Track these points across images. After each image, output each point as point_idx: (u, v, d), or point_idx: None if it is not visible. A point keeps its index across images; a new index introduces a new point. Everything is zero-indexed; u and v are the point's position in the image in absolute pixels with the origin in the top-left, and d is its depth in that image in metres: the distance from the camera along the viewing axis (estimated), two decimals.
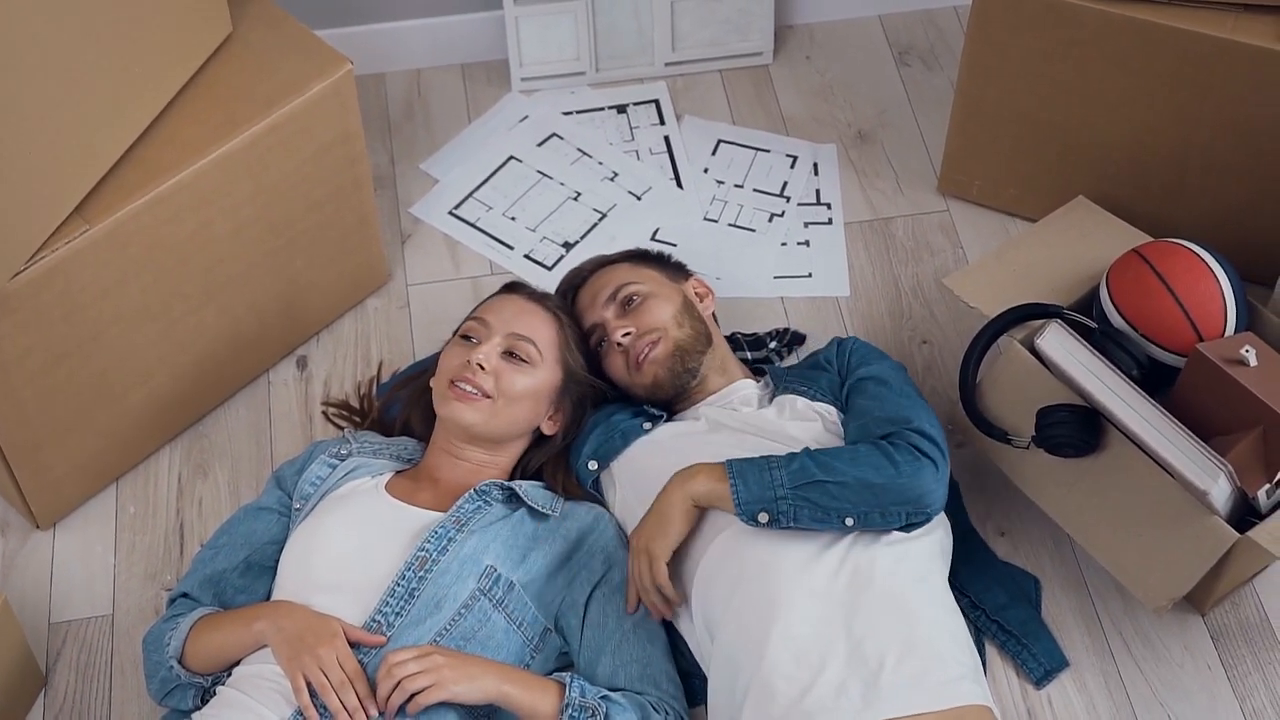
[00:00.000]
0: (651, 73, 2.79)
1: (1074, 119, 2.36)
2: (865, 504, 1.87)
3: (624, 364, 2.09)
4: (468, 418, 1.98)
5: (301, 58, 2.16)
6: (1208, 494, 1.89)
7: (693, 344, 2.08)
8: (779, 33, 2.84)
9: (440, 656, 1.79)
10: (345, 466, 2.02)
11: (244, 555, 1.98)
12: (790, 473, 1.87)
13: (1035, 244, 2.28)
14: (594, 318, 2.12)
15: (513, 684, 1.82)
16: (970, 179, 2.55)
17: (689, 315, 2.11)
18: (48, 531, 2.21)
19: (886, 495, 1.87)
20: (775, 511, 1.86)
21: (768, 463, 1.89)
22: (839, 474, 1.86)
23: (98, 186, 2.00)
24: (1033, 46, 2.31)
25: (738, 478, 1.88)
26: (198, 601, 1.95)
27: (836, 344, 2.17)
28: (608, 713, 1.82)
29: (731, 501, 1.87)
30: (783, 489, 1.86)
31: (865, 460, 1.89)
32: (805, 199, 2.61)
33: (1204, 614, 2.10)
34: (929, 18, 2.88)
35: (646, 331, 2.08)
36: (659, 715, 1.87)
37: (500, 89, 2.78)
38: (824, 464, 1.88)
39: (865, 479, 1.87)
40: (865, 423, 1.98)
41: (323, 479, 2.01)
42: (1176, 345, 2.07)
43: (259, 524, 2.01)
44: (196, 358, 2.22)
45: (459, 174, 2.65)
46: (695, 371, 2.08)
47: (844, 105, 2.75)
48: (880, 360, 2.10)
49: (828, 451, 1.91)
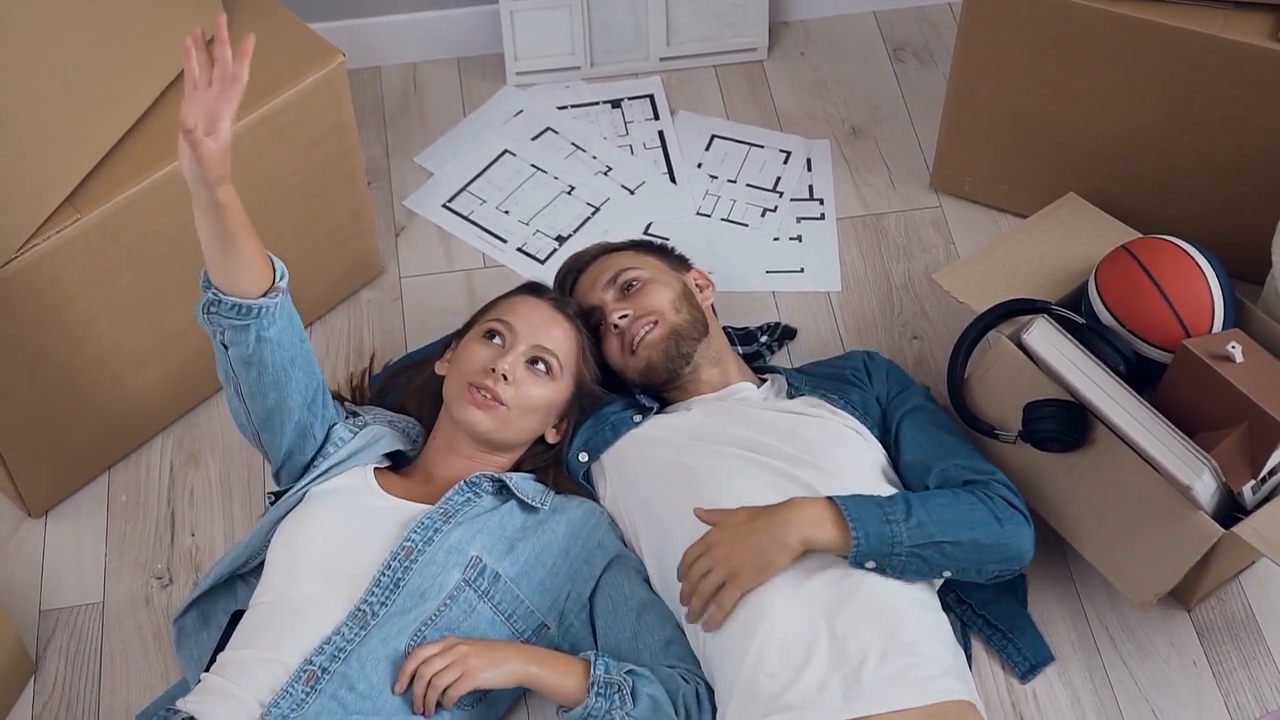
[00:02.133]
0: (646, 68, 2.80)
1: (1065, 115, 2.37)
2: (970, 561, 1.90)
3: (619, 347, 2.10)
4: (482, 424, 1.99)
5: (293, 49, 2.17)
6: (1191, 489, 1.90)
7: (689, 330, 2.09)
8: (774, 28, 2.84)
9: (464, 646, 1.81)
10: (365, 435, 2.03)
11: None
12: (910, 529, 1.86)
13: (1025, 240, 2.28)
14: (593, 300, 2.13)
15: (539, 664, 1.84)
16: (962, 175, 2.55)
17: (687, 303, 2.12)
18: (39, 519, 2.22)
19: (992, 554, 1.91)
20: (886, 564, 1.87)
21: (885, 514, 1.86)
22: (955, 534, 1.88)
23: (89, 176, 2.01)
24: (1024, 43, 2.31)
25: (860, 531, 1.84)
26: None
27: (866, 359, 2.17)
28: (634, 686, 1.84)
29: (848, 553, 1.85)
30: (901, 546, 1.86)
31: (976, 519, 1.90)
32: (798, 194, 2.61)
33: (1190, 609, 2.11)
34: (923, 14, 2.89)
35: (643, 314, 2.09)
36: (688, 685, 1.89)
37: (495, 83, 2.79)
38: (940, 521, 1.88)
39: (977, 539, 1.89)
40: (946, 469, 1.99)
41: (345, 440, 2.02)
42: (1164, 341, 2.08)
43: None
44: (189, 348, 2.23)
45: (453, 167, 2.66)
46: (689, 358, 2.09)
47: (838, 101, 2.76)
48: (918, 388, 2.12)
49: (937, 503, 1.90)
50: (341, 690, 1.78)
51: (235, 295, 1.84)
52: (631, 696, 1.83)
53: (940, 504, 1.90)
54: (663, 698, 1.86)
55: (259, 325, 1.86)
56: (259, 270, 1.86)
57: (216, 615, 1.99)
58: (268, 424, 1.97)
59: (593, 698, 1.82)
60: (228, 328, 1.87)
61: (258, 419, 1.97)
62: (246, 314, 1.85)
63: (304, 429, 1.99)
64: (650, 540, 2.00)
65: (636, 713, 1.83)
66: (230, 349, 1.89)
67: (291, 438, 1.98)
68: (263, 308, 1.86)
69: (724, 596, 1.84)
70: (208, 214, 1.81)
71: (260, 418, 1.96)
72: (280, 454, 2.00)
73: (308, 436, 2.00)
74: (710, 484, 1.95)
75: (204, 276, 1.87)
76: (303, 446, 2.00)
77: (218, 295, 1.85)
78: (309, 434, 2.00)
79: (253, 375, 1.91)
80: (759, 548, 1.84)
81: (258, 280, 1.86)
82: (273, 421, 1.96)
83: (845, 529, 1.85)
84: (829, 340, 2.41)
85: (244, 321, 1.86)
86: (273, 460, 2.02)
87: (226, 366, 1.92)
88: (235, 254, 1.83)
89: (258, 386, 1.92)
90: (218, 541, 2.20)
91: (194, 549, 2.19)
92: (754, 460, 1.97)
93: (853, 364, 2.18)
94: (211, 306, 1.86)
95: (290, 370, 1.92)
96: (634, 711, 1.83)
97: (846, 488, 1.94)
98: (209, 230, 1.82)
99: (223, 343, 1.89)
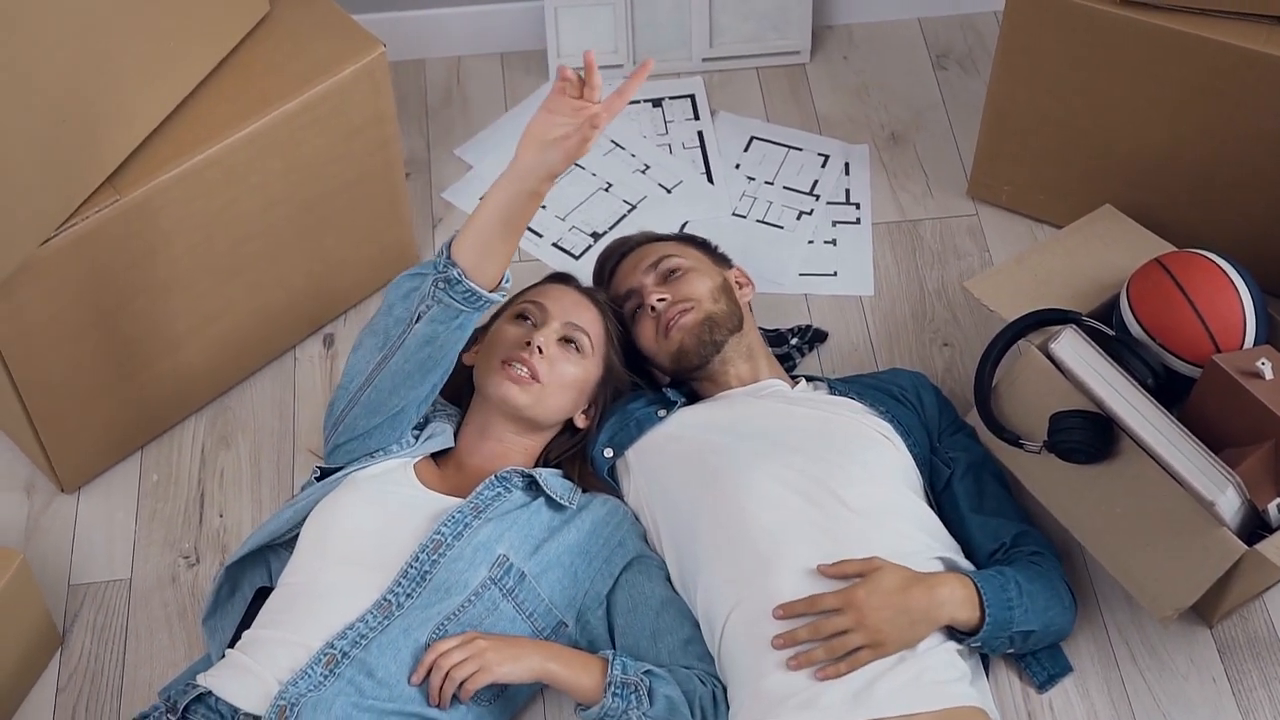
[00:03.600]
0: (688, 67, 2.81)
1: (1104, 127, 2.36)
2: (1031, 644, 1.97)
3: (653, 330, 2.11)
4: (517, 399, 2.00)
5: (336, 39, 2.19)
6: (1215, 505, 1.89)
7: (724, 320, 2.10)
8: (817, 32, 2.85)
9: (483, 640, 1.82)
10: (426, 436, 2.05)
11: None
12: (1018, 616, 1.89)
13: (1059, 250, 2.28)
14: (632, 283, 2.15)
15: (557, 661, 1.85)
16: (1000, 184, 2.55)
17: (726, 295, 2.13)
18: (72, 495, 2.26)
19: (1048, 637, 1.99)
20: (986, 647, 1.91)
21: (1008, 600, 1.89)
22: (1040, 623, 1.93)
23: (130, 158, 2.04)
24: (1064, 53, 2.30)
25: (990, 618, 1.86)
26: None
27: (916, 381, 2.18)
28: (651, 686, 1.84)
29: (972, 638, 1.88)
30: (1006, 631, 1.90)
31: (1056, 610, 1.96)
32: (835, 198, 2.62)
33: (1211, 626, 2.09)
34: (968, 22, 2.88)
35: (681, 299, 2.10)
36: (705, 686, 1.89)
37: (538, 79, 2.80)
38: (1034, 609, 1.92)
39: (1049, 625, 1.96)
40: (1015, 536, 2.01)
41: (410, 444, 2.03)
42: (1194, 356, 2.07)
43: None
44: (223, 331, 2.26)
45: (492, 160, 2.67)
46: (720, 346, 2.09)
47: (879, 106, 2.76)
48: (968, 427, 2.14)
49: (1033, 588, 1.93)
50: (359, 676, 1.80)
51: (474, 281, 1.86)
52: (648, 697, 1.84)
53: (1035, 589, 1.94)
54: (679, 699, 1.86)
55: (473, 317, 1.89)
56: (502, 268, 1.89)
57: (243, 587, 2.01)
58: (379, 404, 1.96)
59: (609, 697, 1.83)
60: (445, 306, 1.87)
61: (377, 391, 1.96)
62: (472, 301, 1.87)
63: (402, 421, 1.99)
64: (671, 537, 2.01)
65: (653, 713, 1.84)
66: (424, 326, 1.89)
67: (384, 423, 1.98)
68: (488, 301, 1.88)
69: (860, 659, 1.81)
70: (519, 202, 1.84)
71: (381, 391, 1.95)
72: (357, 432, 1.99)
73: (397, 428, 2.00)
74: (730, 483, 1.95)
75: (446, 254, 1.87)
76: (384, 435, 2.00)
77: (460, 276, 1.85)
78: (399, 426, 2.00)
79: (421, 355, 1.91)
80: (912, 622, 1.83)
81: (496, 275, 1.89)
82: (387, 403, 1.96)
83: (980, 613, 1.87)
84: (860, 344, 2.42)
85: (466, 308, 1.88)
86: (341, 437, 2.01)
87: (400, 335, 1.92)
88: (504, 245, 1.86)
89: (412, 365, 1.92)
90: (245, 523, 2.22)
91: (221, 530, 2.22)
92: (776, 459, 1.97)
93: (900, 382, 2.18)
94: (444, 283, 1.86)
95: (445, 364, 1.94)
96: (650, 712, 1.84)
97: (868, 493, 1.95)
98: (502, 215, 1.84)
99: (420, 314, 1.89)
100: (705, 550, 1.94)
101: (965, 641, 1.89)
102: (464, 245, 1.86)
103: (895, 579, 1.84)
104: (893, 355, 2.40)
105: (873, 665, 1.82)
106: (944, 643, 1.87)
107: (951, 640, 1.89)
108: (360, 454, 2.00)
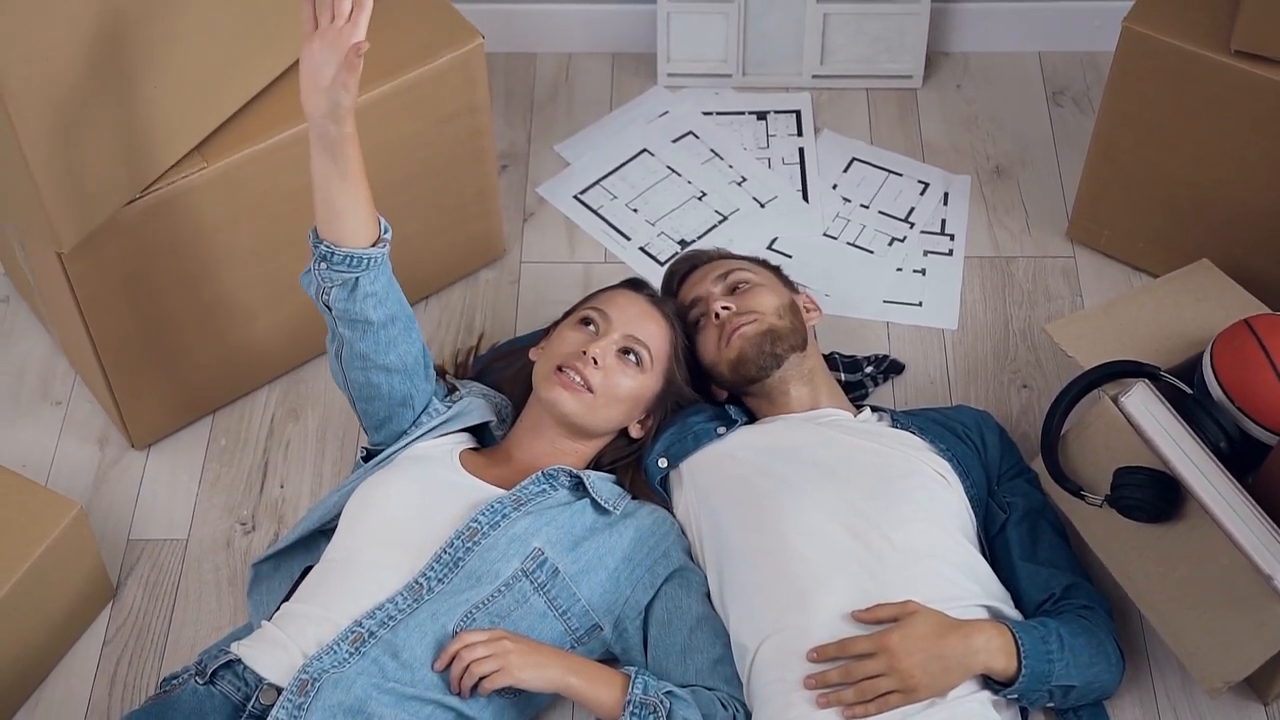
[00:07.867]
0: (797, 83, 2.78)
1: (1209, 179, 2.29)
2: (1073, 700, 1.92)
3: (716, 339, 2.09)
4: (567, 406, 2.00)
5: (435, 27, 2.21)
6: (1273, 579, 1.82)
7: (787, 335, 2.07)
8: (932, 58, 2.80)
9: (509, 642, 1.82)
10: (458, 406, 2.08)
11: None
12: (1058, 669, 1.85)
13: (1148, 301, 2.22)
14: (700, 292, 2.14)
15: (578, 675, 1.84)
16: (1100, 228, 2.49)
17: (792, 313, 2.11)
18: (141, 451, 2.30)
19: (1092, 695, 1.93)
20: (1024, 700, 1.87)
21: (1047, 651, 1.84)
22: (1083, 678, 1.88)
23: (220, 129, 2.07)
24: (1173, 100, 2.24)
25: (1027, 668, 1.82)
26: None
27: (980, 420, 2.14)
28: (670, 708, 1.83)
29: (1008, 689, 1.84)
30: (1044, 693, 1.87)
31: (1101, 668, 1.91)
32: (929, 227, 2.58)
33: (1266, 704, 2.02)
34: (1090, 60, 2.82)
35: (746, 310, 2.08)
36: (726, 711, 1.87)
37: (646, 81, 2.80)
38: (1078, 664, 1.87)
39: (1092, 683, 1.90)
40: (1069, 587, 1.97)
41: (440, 411, 2.06)
42: (1273, 423, 2.00)
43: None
44: (300, 306, 2.28)
45: (590, 159, 2.68)
46: (780, 360, 2.06)
47: (986, 138, 2.71)
48: (1029, 472, 2.10)
49: (1078, 643, 1.89)
50: (384, 657, 1.81)
51: (346, 247, 1.89)
52: (668, 718, 1.82)
53: (1079, 644, 1.88)
54: None
55: (366, 278, 1.91)
56: (368, 220, 1.91)
57: (290, 565, 2.04)
58: (364, 392, 2.01)
59: (628, 717, 1.82)
60: (336, 283, 1.91)
61: (355, 385, 2.01)
62: (356, 265, 1.90)
63: (402, 398, 2.02)
64: (714, 555, 1.99)
65: None
66: (334, 308, 1.93)
67: (387, 405, 2.02)
68: (371, 258, 1.91)
69: (889, 703, 1.79)
70: (335, 150, 1.86)
71: (358, 383, 2.00)
72: (376, 421, 2.04)
73: (406, 406, 2.03)
74: (776, 511, 1.93)
75: (313, 235, 1.92)
76: (400, 416, 2.03)
77: (330, 249, 1.89)
78: (408, 404, 2.03)
79: (356, 334, 1.95)
80: (945, 669, 1.80)
81: (366, 232, 1.91)
82: (369, 388, 2.00)
83: (1017, 663, 1.83)
84: (937, 379, 2.37)
85: (352, 273, 1.90)
86: (369, 429, 2.06)
87: (331, 327, 1.97)
88: (351, 197, 1.89)
89: (360, 347, 1.96)
90: (304, 496, 2.25)
91: (280, 500, 2.25)
92: (827, 491, 1.95)
93: (964, 419, 2.13)
94: (323, 261, 1.90)
95: (390, 329, 1.96)
96: None
97: (917, 532, 1.92)
98: (330, 170, 1.87)
99: (326, 304, 1.94)
100: (745, 575, 1.92)
101: (1001, 692, 1.84)
102: (320, 221, 1.91)
103: (929, 624, 1.80)
104: (969, 393, 2.35)
105: (901, 710, 1.79)
106: (977, 692, 1.84)
107: (986, 690, 1.85)
108: (394, 438, 2.04)
